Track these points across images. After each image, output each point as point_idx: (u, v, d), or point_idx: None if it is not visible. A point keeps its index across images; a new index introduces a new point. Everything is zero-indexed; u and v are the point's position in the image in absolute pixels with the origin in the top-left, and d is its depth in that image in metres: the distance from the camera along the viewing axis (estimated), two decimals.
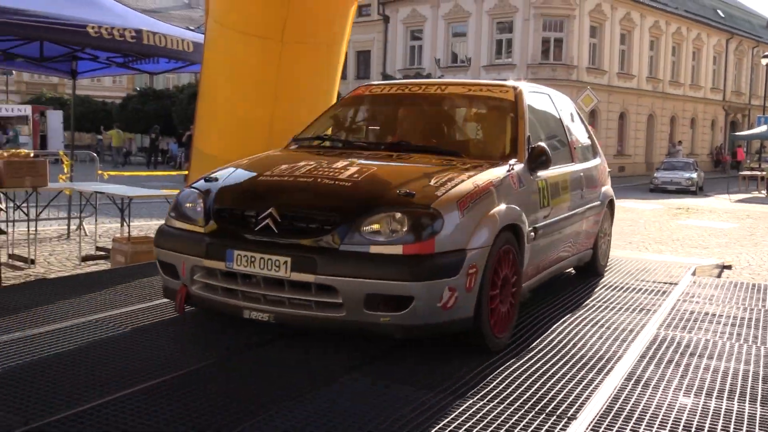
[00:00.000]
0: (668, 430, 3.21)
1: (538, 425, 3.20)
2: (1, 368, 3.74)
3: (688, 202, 22.83)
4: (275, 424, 3.09)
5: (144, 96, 41.02)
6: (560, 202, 5.26)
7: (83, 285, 5.74)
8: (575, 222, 5.65)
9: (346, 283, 3.71)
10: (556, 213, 5.16)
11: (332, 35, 7.33)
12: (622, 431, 3.18)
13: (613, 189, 6.97)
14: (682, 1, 42.70)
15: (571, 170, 5.69)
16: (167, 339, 4.33)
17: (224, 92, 7.07)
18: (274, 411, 3.22)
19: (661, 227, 14.94)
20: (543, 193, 4.92)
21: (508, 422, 3.21)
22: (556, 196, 5.15)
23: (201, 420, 3.11)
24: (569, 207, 5.47)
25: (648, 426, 3.25)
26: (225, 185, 4.37)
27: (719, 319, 5.26)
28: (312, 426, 3.08)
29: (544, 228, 4.90)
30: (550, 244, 5.15)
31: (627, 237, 12.66)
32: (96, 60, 8.83)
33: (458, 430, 3.11)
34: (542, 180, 4.92)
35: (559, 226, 5.25)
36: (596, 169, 6.46)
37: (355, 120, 5.83)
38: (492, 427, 3.16)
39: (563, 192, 5.36)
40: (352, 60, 38.87)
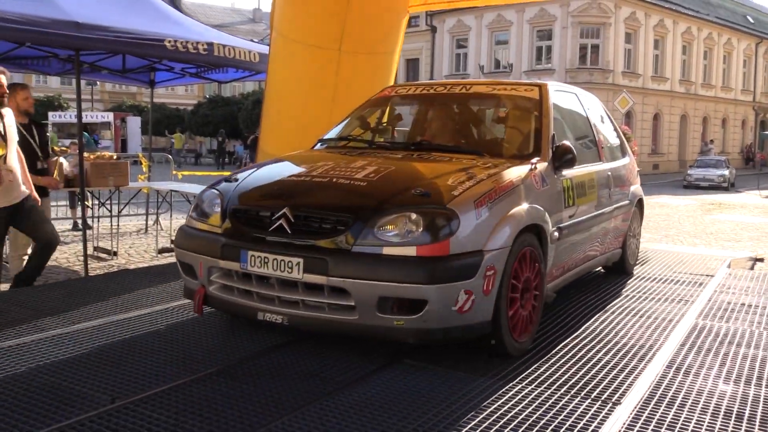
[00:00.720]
0: (709, 416, 3.10)
1: (585, 409, 3.12)
2: (90, 350, 3.80)
3: (720, 197, 22.21)
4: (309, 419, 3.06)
5: (213, 102, 41.65)
6: (587, 201, 4.91)
7: (159, 275, 5.83)
8: (603, 221, 5.27)
9: (358, 286, 3.37)
10: (583, 212, 4.81)
11: (386, 45, 7.31)
12: (665, 416, 3.08)
13: (648, 185, 6.74)
14: (713, 8, 41.68)
15: (599, 169, 5.31)
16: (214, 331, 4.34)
17: (287, 97, 7.12)
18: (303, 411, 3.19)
19: (694, 221, 14.56)
20: (568, 192, 4.56)
21: (556, 406, 3.14)
22: (582, 196, 4.80)
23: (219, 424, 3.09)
24: (596, 206, 5.09)
25: (690, 411, 3.14)
26: (243, 185, 4.08)
27: (755, 310, 5.08)
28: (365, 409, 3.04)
29: (569, 228, 4.54)
30: (577, 244, 4.77)
31: (663, 231, 12.36)
32: (172, 71, 8.96)
33: (508, 413, 3.05)
34: (567, 179, 4.56)
35: (586, 226, 4.89)
36: (625, 168, 6.03)
37: (380, 120, 5.50)
38: (540, 411, 3.09)
39: (590, 191, 5.00)
40: (403, 67, 38.78)
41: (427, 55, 39.31)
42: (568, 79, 31.11)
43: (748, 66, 44.42)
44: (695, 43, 39.09)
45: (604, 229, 5.37)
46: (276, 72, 7.14)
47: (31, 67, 8.45)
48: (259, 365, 3.59)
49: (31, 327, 4.21)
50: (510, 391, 3.30)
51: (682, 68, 38.48)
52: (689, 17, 38.00)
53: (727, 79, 42.30)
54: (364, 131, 5.31)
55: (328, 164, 4.17)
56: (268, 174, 4.34)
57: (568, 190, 4.55)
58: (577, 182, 4.73)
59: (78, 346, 3.86)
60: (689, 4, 38.46)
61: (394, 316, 3.40)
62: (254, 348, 3.88)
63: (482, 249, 3.51)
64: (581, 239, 4.87)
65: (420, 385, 3.35)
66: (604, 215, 5.31)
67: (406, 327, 3.41)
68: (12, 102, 5.65)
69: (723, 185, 26.41)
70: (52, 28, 5.71)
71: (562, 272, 4.67)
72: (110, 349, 3.82)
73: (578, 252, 4.89)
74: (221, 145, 36.71)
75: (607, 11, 33.08)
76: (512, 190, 3.86)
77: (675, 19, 37.09)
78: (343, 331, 3.54)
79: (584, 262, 5.13)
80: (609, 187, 5.45)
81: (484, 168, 4.04)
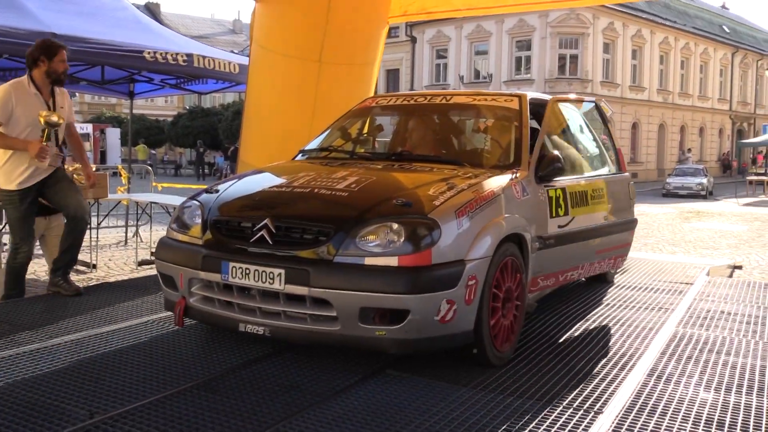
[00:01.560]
0: (691, 424, 3.12)
1: (567, 419, 3.12)
2: (68, 365, 3.75)
3: (699, 206, 22.46)
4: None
5: (193, 113, 41.52)
6: (587, 212, 4.86)
7: (139, 288, 5.77)
8: (608, 233, 5.19)
9: (339, 296, 3.35)
10: (582, 222, 4.78)
11: (366, 56, 7.32)
12: (647, 424, 3.09)
13: None
14: (690, 18, 42.28)
15: (601, 180, 5.25)
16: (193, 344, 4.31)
17: (267, 109, 7.12)
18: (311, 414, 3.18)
19: (673, 230, 14.70)
20: (558, 201, 4.53)
21: (538, 416, 3.14)
22: (579, 205, 4.77)
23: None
24: (595, 218, 5.04)
25: (671, 419, 3.16)
26: (224, 196, 4.05)
27: (735, 318, 5.12)
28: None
29: (558, 237, 4.50)
30: (567, 255, 4.69)
31: (642, 239, 12.47)
32: (151, 82, 8.93)
33: (490, 424, 3.04)
34: (556, 189, 4.53)
35: (584, 236, 4.84)
36: (624, 183, 5.79)
37: (361, 131, 5.49)
38: (522, 421, 3.08)
39: (595, 201, 4.96)
40: (383, 78, 38.93)
41: (408, 66, 39.48)
42: (547, 89, 31.41)
43: (724, 75, 45.07)
44: (672, 53, 39.62)
45: (610, 241, 5.24)
46: (256, 83, 7.14)
47: (9, 79, 8.37)
48: (240, 378, 3.56)
49: (8, 342, 4.15)
50: (492, 402, 3.29)
51: (659, 78, 38.97)
52: (666, 27, 38.51)
53: (704, 88, 42.88)
54: (346, 142, 5.30)
55: (309, 175, 4.16)
56: (249, 185, 4.32)
57: (557, 199, 4.52)
58: (573, 192, 4.69)
59: (56, 361, 3.81)
60: (666, 15, 39.00)
61: (376, 326, 3.39)
62: (235, 360, 3.85)
63: (464, 258, 3.51)
64: (578, 249, 4.80)
65: (402, 395, 3.34)
66: (611, 227, 5.23)
67: (388, 337, 3.39)
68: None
69: (701, 193, 26.73)
70: (30, 39, 5.67)
71: (552, 282, 4.64)
72: (89, 364, 3.76)
73: (576, 261, 4.83)
74: (200, 156, 36.54)
75: (586, 22, 33.46)
76: (493, 199, 3.86)
77: (652, 29, 37.57)
78: (325, 342, 3.52)
79: (575, 270, 4.99)
80: (617, 198, 5.36)
81: (465, 178, 4.04)
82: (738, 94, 46.60)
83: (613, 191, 5.36)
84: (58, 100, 5.28)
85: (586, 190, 4.93)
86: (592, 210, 4.99)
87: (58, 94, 5.31)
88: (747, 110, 47.74)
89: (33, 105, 5.06)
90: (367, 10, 7.13)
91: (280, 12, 6.97)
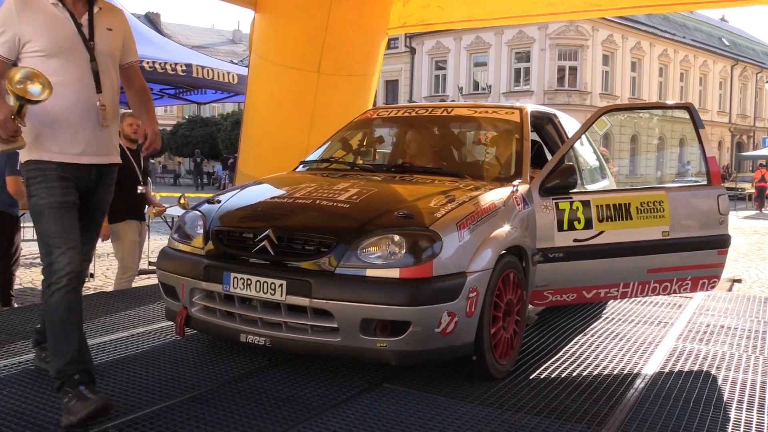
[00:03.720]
0: None
1: None
2: None
3: None
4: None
5: (192, 123, 41.58)
6: (625, 227, 4.51)
7: (137, 297, 5.75)
8: (654, 252, 4.60)
9: (341, 308, 3.36)
10: (612, 237, 4.45)
11: (365, 67, 7.34)
12: None
13: None
14: (689, 30, 42.47)
15: (660, 192, 4.74)
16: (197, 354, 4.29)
17: (266, 119, 7.14)
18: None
19: None
20: (574, 214, 4.36)
21: (538, 431, 3.12)
22: (614, 219, 4.48)
23: None
24: (645, 233, 4.57)
25: None
26: (225, 207, 4.06)
27: (734, 332, 5.11)
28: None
29: (572, 252, 4.35)
30: (591, 270, 4.43)
31: None
32: (150, 91, 8.94)
33: None
34: (572, 201, 4.35)
35: (612, 252, 4.48)
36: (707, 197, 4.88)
37: (362, 142, 5.49)
38: None
39: (637, 215, 4.56)
40: (382, 89, 39.02)
41: (407, 77, 39.58)
42: (547, 101, 31.49)
43: (723, 88, 45.23)
44: (672, 65, 39.78)
45: (674, 260, 4.67)
46: (255, 94, 7.16)
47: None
48: (237, 390, 3.54)
49: (4, 351, 4.12)
50: (490, 416, 3.27)
51: (659, 90, 39.10)
52: (666, 40, 38.67)
53: (704, 100, 43.01)
54: (346, 153, 5.32)
55: (310, 186, 4.18)
56: (251, 196, 4.33)
57: (573, 212, 4.37)
58: (602, 204, 4.47)
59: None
60: (666, 27, 39.19)
61: (377, 337, 3.39)
62: (232, 372, 3.83)
63: (465, 271, 3.51)
64: (612, 265, 4.49)
65: (399, 409, 3.32)
66: (675, 244, 4.66)
67: (389, 349, 3.40)
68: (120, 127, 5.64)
69: None
70: None
71: (578, 298, 4.48)
72: None
73: (612, 279, 4.53)
74: (199, 166, 36.59)
75: (585, 34, 33.59)
76: (494, 212, 3.86)
77: (652, 41, 37.73)
78: (326, 353, 3.53)
79: (636, 291, 4.63)
80: (690, 213, 4.81)
81: (466, 190, 4.05)
82: (737, 106, 46.75)
83: (682, 204, 4.75)
84: (100, 21, 3.27)
85: (628, 202, 4.56)
86: (639, 224, 4.59)
87: (102, 11, 3.29)
88: (746, 123, 47.87)
89: (52, 25, 3.13)
90: (366, 22, 7.15)
91: (280, 23, 7.00)
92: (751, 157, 37.13)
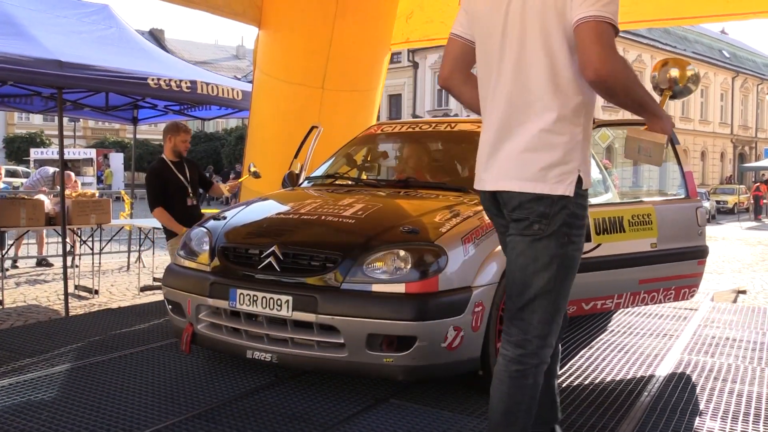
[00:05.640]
0: None
1: None
2: (68, 393, 3.72)
3: None
4: None
5: (196, 138, 41.67)
6: (619, 239, 4.60)
7: (141, 314, 5.75)
8: (644, 264, 4.73)
9: (347, 323, 3.36)
10: (609, 250, 4.51)
11: (368, 82, 7.37)
12: None
13: None
14: (690, 43, 42.57)
15: (647, 206, 4.93)
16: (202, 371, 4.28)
17: (270, 135, 7.14)
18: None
19: None
20: None
21: None
22: (609, 232, 4.57)
23: None
24: (636, 245, 4.69)
25: None
26: (231, 223, 4.09)
27: (740, 344, 5.08)
28: None
29: None
30: (589, 283, 4.37)
31: None
32: (155, 108, 8.97)
33: None
34: None
35: (608, 265, 4.53)
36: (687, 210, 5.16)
37: (366, 158, 5.52)
38: None
39: (634, 228, 4.69)
40: (385, 103, 39.10)
41: (410, 91, 39.67)
42: None
43: (725, 99, 45.26)
44: None
45: (660, 271, 4.82)
46: (260, 110, 7.18)
47: (13, 105, 8.42)
48: (243, 407, 3.53)
49: (9, 369, 4.12)
50: None
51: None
52: (667, 52, 38.71)
53: (705, 112, 43.05)
54: (351, 169, 5.34)
55: (315, 202, 4.19)
56: (256, 212, 4.34)
57: None
58: (598, 218, 4.53)
59: (56, 389, 3.78)
60: (666, 40, 39.28)
61: (384, 353, 3.39)
62: (238, 389, 3.82)
63: (470, 285, 3.51)
64: (607, 278, 4.56)
65: (406, 425, 3.31)
66: (662, 256, 4.81)
67: (396, 364, 3.39)
68: (170, 142, 5.68)
69: None
70: (35, 66, 5.71)
71: (578, 310, 4.50)
72: (90, 392, 3.74)
73: (608, 291, 4.60)
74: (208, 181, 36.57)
75: None
76: None
77: (653, 54, 37.79)
78: (333, 369, 3.53)
79: (629, 302, 4.76)
80: (673, 225, 4.96)
81: (471, 205, 4.05)
82: (739, 118, 46.76)
83: (667, 217, 4.94)
84: None
85: (621, 216, 4.72)
86: (631, 237, 4.73)
87: None
88: (748, 134, 47.86)
89: None
90: (370, 38, 7.18)
91: (284, 39, 7.03)
92: (754, 168, 37.09)
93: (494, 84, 2.39)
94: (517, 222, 2.35)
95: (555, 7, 2.23)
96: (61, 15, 7.66)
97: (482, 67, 2.47)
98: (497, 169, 2.37)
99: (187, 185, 5.68)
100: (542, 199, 2.28)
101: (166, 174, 5.55)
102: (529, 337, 2.32)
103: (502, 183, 2.35)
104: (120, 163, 34.02)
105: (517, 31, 2.31)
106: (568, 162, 2.28)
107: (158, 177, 5.53)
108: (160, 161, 5.64)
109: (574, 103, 2.29)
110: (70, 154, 29.69)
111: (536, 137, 2.29)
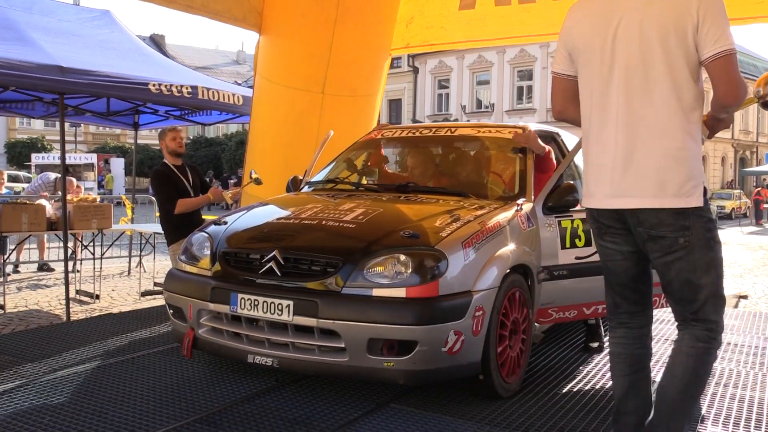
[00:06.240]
0: None
1: None
2: (71, 398, 3.73)
3: None
4: None
5: (196, 143, 41.75)
6: None
7: (142, 319, 5.76)
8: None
9: (348, 327, 3.37)
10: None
11: (369, 87, 7.38)
12: None
13: None
14: None
15: None
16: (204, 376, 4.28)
17: (271, 140, 7.16)
18: None
19: None
20: (575, 232, 4.42)
21: None
22: None
23: None
24: None
25: None
26: (232, 228, 4.10)
27: (741, 349, 5.08)
28: None
29: (574, 269, 4.38)
30: (591, 287, 4.38)
31: None
32: (156, 113, 8.98)
33: None
34: (573, 219, 4.42)
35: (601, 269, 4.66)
36: None
37: (367, 162, 5.52)
38: None
39: None
40: (385, 108, 39.17)
41: (410, 96, 39.73)
42: (549, 119, 31.54)
43: None
44: None
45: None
46: (260, 115, 7.19)
47: (15, 110, 8.45)
48: (244, 412, 3.53)
49: (11, 374, 4.13)
50: None
51: None
52: None
53: None
54: (352, 173, 5.34)
55: (316, 207, 4.20)
56: (257, 217, 4.35)
57: (574, 230, 4.42)
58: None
59: (58, 394, 3.79)
60: None
61: (384, 357, 3.39)
62: (239, 394, 3.82)
63: (471, 290, 3.52)
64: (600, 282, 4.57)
65: (407, 430, 3.31)
66: None
67: (396, 368, 3.40)
68: (163, 145, 5.79)
69: None
70: (36, 72, 5.72)
71: (579, 315, 4.49)
72: (91, 397, 3.74)
73: (587, 295, 4.55)
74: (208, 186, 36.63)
75: None
76: (499, 231, 3.87)
77: None
78: (333, 373, 3.53)
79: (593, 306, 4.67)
80: None
81: (471, 209, 4.06)
82: (740, 122, 46.74)
83: None
84: None
85: None
86: None
87: None
88: (749, 139, 47.84)
89: None
90: (370, 43, 7.20)
91: (284, 45, 7.04)
92: (755, 172, 37.11)
93: (606, 107, 2.64)
94: (658, 240, 2.61)
95: (675, 33, 2.49)
96: (63, 20, 7.69)
97: (589, 95, 2.73)
98: (630, 189, 2.60)
99: (189, 189, 5.70)
100: (681, 213, 2.55)
101: (172, 176, 5.60)
102: (710, 326, 2.66)
103: (639, 201, 2.60)
104: (121, 168, 34.10)
105: (634, 57, 2.57)
106: (696, 175, 2.56)
107: (166, 176, 5.60)
108: (164, 165, 5.68)
109: (695, 120, 2.56)
110: (72, 159, 29.80)
111: (669, 156, 2.54)
